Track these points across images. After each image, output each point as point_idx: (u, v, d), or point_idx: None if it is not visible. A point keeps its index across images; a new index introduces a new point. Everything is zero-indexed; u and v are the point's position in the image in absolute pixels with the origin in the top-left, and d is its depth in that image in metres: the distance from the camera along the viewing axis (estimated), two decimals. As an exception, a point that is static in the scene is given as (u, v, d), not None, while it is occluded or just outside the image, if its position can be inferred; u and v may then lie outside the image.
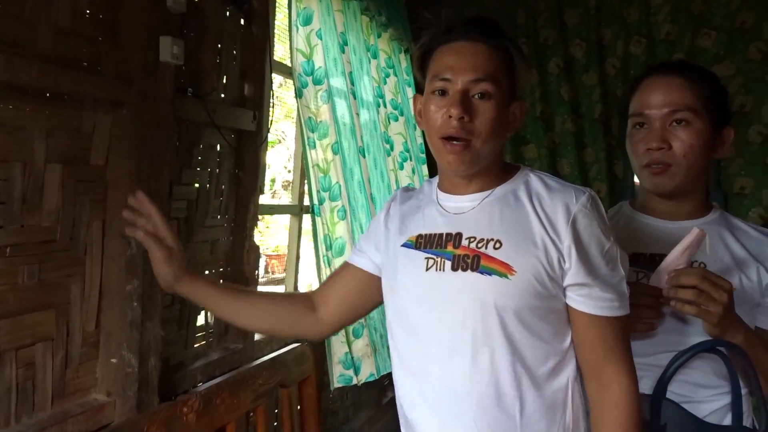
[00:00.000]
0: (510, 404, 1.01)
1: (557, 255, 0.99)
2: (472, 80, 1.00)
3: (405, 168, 2.77)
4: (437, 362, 1.04)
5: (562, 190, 1.03)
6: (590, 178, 3.55)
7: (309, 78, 1.96)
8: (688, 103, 1.13)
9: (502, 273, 0.99)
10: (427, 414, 1.07)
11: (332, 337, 2.00)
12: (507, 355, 1.00)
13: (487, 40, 1.02)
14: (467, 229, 1.04)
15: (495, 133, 1.02)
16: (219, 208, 1.88)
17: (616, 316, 1.01)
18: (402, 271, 1.09)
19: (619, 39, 3.44)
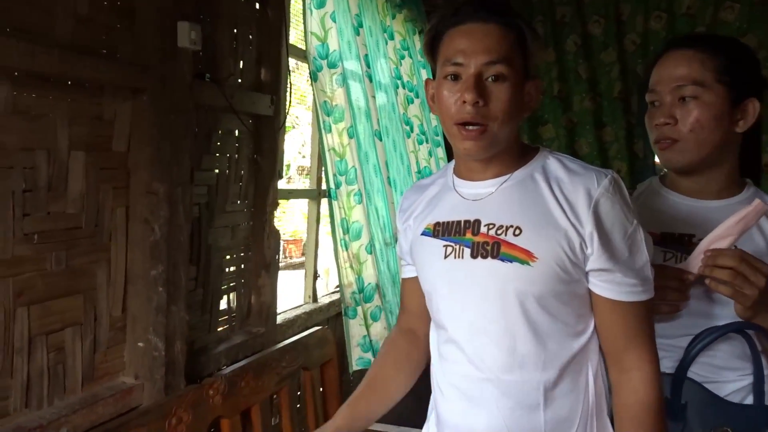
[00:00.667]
0: (533, 390, 1.00)
1: (579, 240, 0.96)
2: (485, 63, 0.96)
3: (421, 150, 2.76)
4: (460, 349, 1.04)
5: (583, 174, 1.00)
6: (610, 157, 3.52)
7: (324, 61, 1.96)
8: (695, 76, 1.10)
9: (523, 260, 0.97)
10: (451, 399, 1.07)
11: (351, 321, 2.01)
12: (530, 340, 0.99)
13: (498, 20, 0.98)
14: (486, 215, 1.02)
15: (511, 115, 0.98)
16: (239, 194, 1.89)
17: (639, 300, 0.99)
18: (422, 260, 1.08)
19: (638, 14, 3.38)
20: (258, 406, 1.73)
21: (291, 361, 1.90)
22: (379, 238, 2.21)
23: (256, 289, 1.97)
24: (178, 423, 1.44)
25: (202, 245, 1.73)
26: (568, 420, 1.02)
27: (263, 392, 1.75)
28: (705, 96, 1.10)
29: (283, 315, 2.21)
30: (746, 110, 1.12)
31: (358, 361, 2.05)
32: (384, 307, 2.14)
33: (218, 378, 1.59)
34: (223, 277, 1.85)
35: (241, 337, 1.89)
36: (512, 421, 1.01)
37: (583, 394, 1.03)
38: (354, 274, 2.03)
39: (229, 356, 1.80)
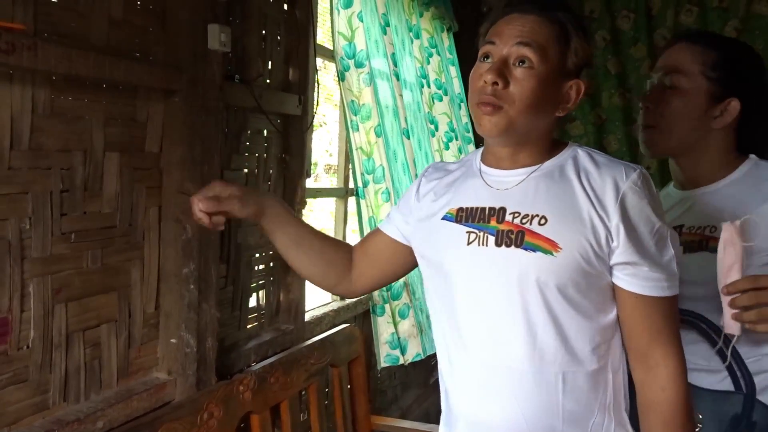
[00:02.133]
0: (551, 381, 0.99)
1: (605, 233, 0.96)
2: (515, 44, 0.97)
3: (450, 148, 2.75)
4: (478, 338, 1.03)
5: (612, 166, 0.99)
6: (639, 154, 3.45)
7: (351, 61, 1.97)
8: (678, 66, 1.16)
9: (546, 250, 0.96)
10: (465, 389, 1.07)
11: (379, 318, 2.03)
12: (549, 331, 0.98)
13: (540, 12, 0.99)
14: (511, 203, 1.02)
15: (533, 105, 0.98)
16: (267, 192, 1.91)
17: (665, 296, 0.98)
18: (443, 245, 1.07)
19: (669, 8, 3.33)
20: (287, 402, 1.76)
21: (319, 357, 1.92)
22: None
23: (285, 287, 2.00)
24: (209, 418, 1.47)
25: (232, 243, 1.76)
26: (584, 413, 1.01)
27: (292, 388, 1.78)
28: (683, 85, 1.15)
29: (312, 312, 2.23)
30: (726, 108, 1.15)
31: (386, 358, 2.06)
32: (413, 305, 2.15)
33: (248, 374, 1.62)
34: (253, 274, 1.87)
35: (271, 334, 1.91)
36: (529, 411, 1.00)
37: (602, 388, 1.02)
38: (382, 272, 2.05)
39: (258, 353, 1.83)
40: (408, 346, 2.12)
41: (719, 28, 3.20)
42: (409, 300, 2.16)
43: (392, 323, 2.08)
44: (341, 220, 2.43)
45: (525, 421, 1.00)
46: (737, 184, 1.13)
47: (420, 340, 2.16)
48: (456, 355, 1.07)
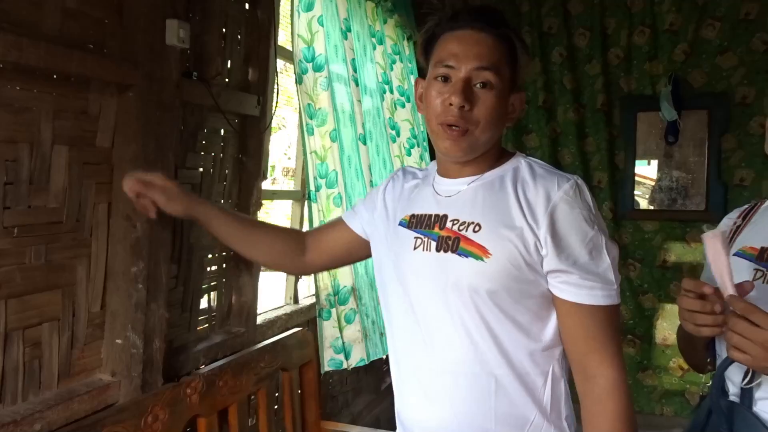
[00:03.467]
0: (483, 384, 1.02)
1: (534, 240, 0.99)
2: (475, 68, 1.01)
3: (413, 154, 2.77)
4: (417, 341, 1.07)
5: (547, 178, 1.03)
6: (591, 168, 3.57)
7: (309, 64, 1.96)
8: None
9: (477, 255, 1.00)
10: (407, 391, 1.11)
11: (325, 322, 2.02)
12: (482, 336, 1.01)
13: (492, 31, 1.03)
14: (453, 211, 1.06)
15: (494, 122, 1.03)
16: (222, 193, 1.89)
17: (600, 305, 0.99)
18: (394, 249, 1.12)
19: (623, 29, 3.44)
20: (235, 406, 1.73)
21: (270, 361, 1.90)
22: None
23: (237, 289, 1.97)
24: (154, 421, 1.43)
25: (184, 243, 1.72)
26: (519, 418, 1.03)
27: (241, 392, 1.75)
28: None
29: (264, 315, 2.20)
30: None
31: (330, 363, 2.06)
32: (359, 310, 2.15)
33: (196, 377, 1.59)
34: (204, 276, 1.84)
35: (221, 337, 1.88)
36: (462, 413, 1.03)
37: (540, 395, 1.04)
38: (330, 276, 2.04)
39: (208, 355, 1.80)
40: (352, 351, 2.12)
41: (669, 50, 3.33)
42: (356, 305, 2.16)
43: (338, 328, 2.08)
44: (297, 224, 2.42)
45: (457, 422, 1.03)
46: None
47: (364, 346, 2.17)
48: (404, 360, 1.11)
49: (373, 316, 2.24)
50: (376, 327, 2.25)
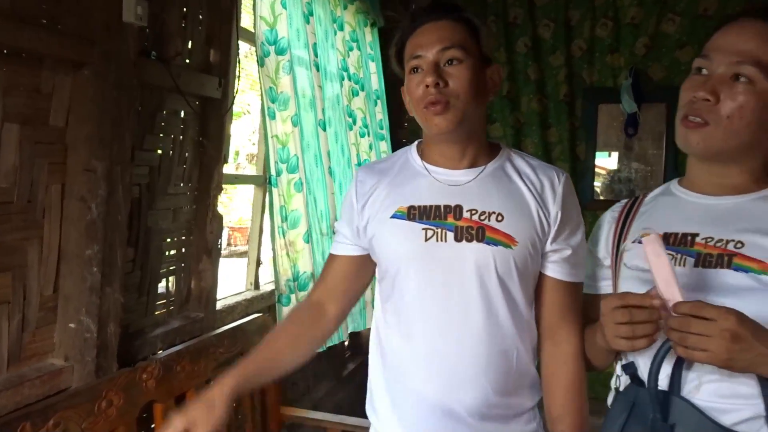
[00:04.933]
0: (510, 359, 1.12)
1: (545, 225, 1.12)
2: (439, 50, 1.08)
3: (363, 144, 2.76)
4: (440, 327, 1.11)
5: (546, 168, 1.16)
6: (553, 158, 3.62)
7: (272, 47, 1.93)
8: (759, 56, 0.91)
9: (506, 244, 1.09)
10: (427, 373, 1.12)
11: (284, 308, 2.01)
12: (506, 316, 1.11)
13: (448, 16, 1.11)
14: (467, 202, 1.11)
15: (473, 93, 1.08)
16: (182, 176, 1.86)
17: (577, 282, 1.16)
18: (396, 242, 1.13)
19: (586, 20, 3.48)
20: (193, 391, 1.71)
21: (229, 347, 1.89)
22: (316, 228, 2.21)
23: (197, 274, 1.95)
24: (108, 406, 1.41)
25: (142, 227, 1.69)
26: (528, 386, 1.16)
27: (199, 377, 1.74)
28: (760, 83, 0.91)
29: (224, 301, 2.18)
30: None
31: None
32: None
33: (152, 361, 1.57)
34: (163, 260, 1.82)
35: (179, 322, 1.86)
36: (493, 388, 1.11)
37: (533, 361, 1.17)
38: (290, 262, 2.03)
39: (166, 340, 1.77)
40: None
41: (631, 43, 3.39)
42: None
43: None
44: (259, 209, 2.40)
45: (485, 395, 1.10)
46: (752, 203, 0.98)
47: None
48: (420, 341, 1.13)
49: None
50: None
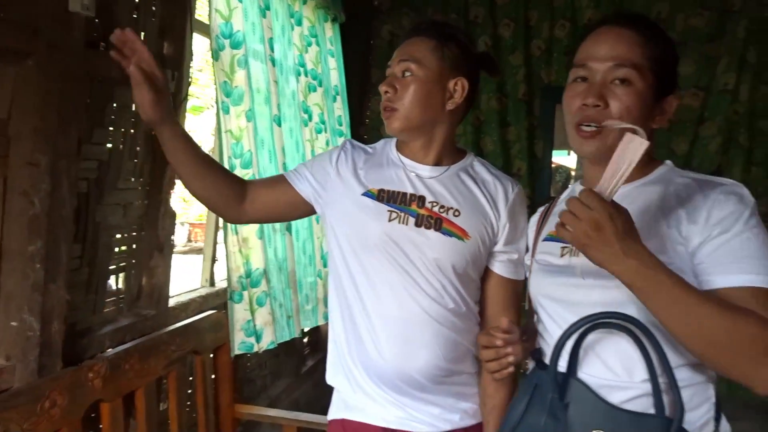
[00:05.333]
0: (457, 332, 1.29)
1: (496, 227, 1.30)
2: (398, 61, 1.29)
3: (319, 139, 2.74)
4: (394, 297, 1.26)
5: (502, 179, 1.35)
6: (512, 156, 3.67)
7: (227, 41, 1.90)
8: (633, 59, 1.00)
9: (460, 236, 1.26)
10: (380, 340, 1.27)
11: (236, 305, 1.99)
12: (451, 295, 1.27)
13: (423, 33, 1.30)
14: (430, 194, 1.29)
15: (417, 101, 1.27)
16: (133, 171, 1.82)
17: (518, 280, 1.33)
18: (363, 219, 1.28)
19: (545, 21, 3.54)
20: (142, 390, 1.68)
21: (182, 344, 1.86)
22: (271, 228, 2.19)
23: (148, 271, 1.91)
24: (52, 406, 1.37)
25: (89, 222, 1.65)
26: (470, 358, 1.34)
27: (149, 376, 1.71)
28: (638, 83, 0.99)
29: (177, 298, 2.15)
30: (665, 107, 1.05)
31: (240, 346, 2.03)
32: (270, 293, 2.13)
33: (99, 360, 1.53)
34: (112, 256, 1.77)
35: (129, 319, 1.82)
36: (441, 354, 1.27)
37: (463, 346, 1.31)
38: (242, 258, 2.01)
39: (115, 338, 1.74)
40: (263, 333, 2.09)
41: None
42: (267, 288, 2.14)
43: (249, 310, 2.05)
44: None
45: (436, 360, 1.27)
46: (651, 185, 1.04)
47: (274, 329, 2.15)
48: (374, 310, 1.28)
49: (281, 299, 2.22)
50: (283, 310, 2.23)
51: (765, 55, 3.22)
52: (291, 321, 2.27)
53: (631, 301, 0.91)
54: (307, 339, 3.42)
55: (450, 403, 1.32)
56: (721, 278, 0.90)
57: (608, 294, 0.96)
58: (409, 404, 1.29)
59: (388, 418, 1.30)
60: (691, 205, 0.97)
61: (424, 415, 1.29)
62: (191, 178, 1.32)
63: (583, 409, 0.95)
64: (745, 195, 0.96)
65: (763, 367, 0.82)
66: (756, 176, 3.28)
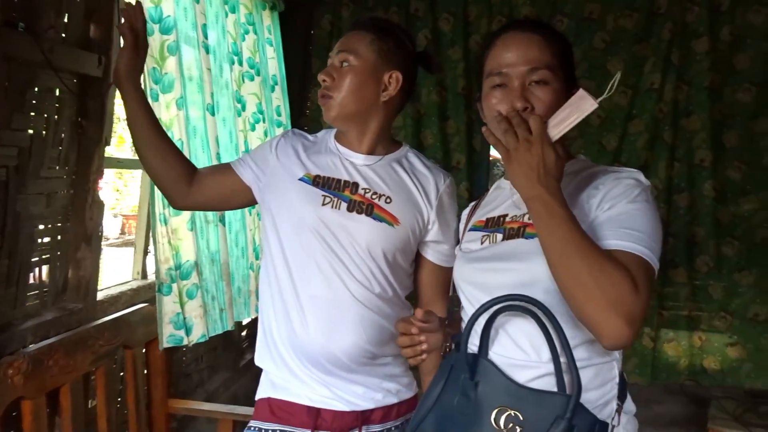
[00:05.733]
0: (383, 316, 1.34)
1: (427, 217, 1.37)
2: (336, 53, 1.35)
3: (257, 130, 2.67)
4: (325, 280, 1.31)
5: (434, 171, 1.41)
6: (451, 149, 3.71)
7: (156, 26, 1.83)
8: (547, 60, 1.06)
9: (390, 222, 1.33)
10: (309, 322, 1.32)
11: (165, 298, 1.93)
12: (379, 280, 1.33)
13: (364, 28, 1.36)
14: (363, 181, 1.35)
15: (350, 91, 1.32)
16: (58, 159, 1.74)
17: (449, 266, 1.32)
18: (298, 203, 1.34)
19: (483, 17, 3.58)
20: (68, 387, 1.62)
21: (110, 338, 1.80)
22: (201, 215, 2.14)
23: (75, 263, 1.84)
24: (-34, 405, 1.30)
25: (9, 212, 1.57)
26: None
27: (75, 372, 1.65)
28: (554, 82, 1.06)
29: (106, 291, 2.08)
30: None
31: (169, 339, 1.97)
32: (201, 285, 2.08)
33: (20, 356, 1.47)
34: (35, 248, 1.69)
35: (55, 314, 1.75)
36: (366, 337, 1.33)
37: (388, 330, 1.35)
38: (171, 250, 1.95)
39: (38, 333, 1.66)
40: (194, 326, 2.05)
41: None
42: (198, 280, 2.09)
43: (179, 303, 1.99)
44: (147, 195, 2.29)
45: (361, 343, 1.32)
46: (565, 175, 1.04)
47: (205, 321, 2.10)
48: (303, 291, 1.32)
49: (214, 291, 2.18)
50: (216, 302, 2.19)
51: (687, 57, 3.38)
52: (224, 314, 2.23)
53: (538, 282, 0.98)
54: (246, 332, 3.37)
55: (375, 383, 1.37)
56: (605, 241, 0.95)
57: (518, 276, 1.02)
58: (333, 384, 1.34)
59: (313, 397, 1.35)
60: (597, 185, 1.05)
61: (348, 394, 1.35)
62: (147, 146, 1.38)
63: (491, 387, 0.99)
64: (641, 179, 1.04)
65: (613, 316, 0.86)
66: (679, 172, 3.44)
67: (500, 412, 0.95)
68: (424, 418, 1.05)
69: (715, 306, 3.43)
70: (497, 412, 0.95)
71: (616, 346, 0.91)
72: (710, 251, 3.41)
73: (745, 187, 3.39)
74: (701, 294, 3.46)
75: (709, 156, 3.38)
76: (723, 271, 3.42)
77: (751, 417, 2.58)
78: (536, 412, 0.93)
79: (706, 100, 3.36)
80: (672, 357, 3.50)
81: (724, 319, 3.44)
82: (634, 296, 0.87)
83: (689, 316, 3.47)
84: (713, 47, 3.34)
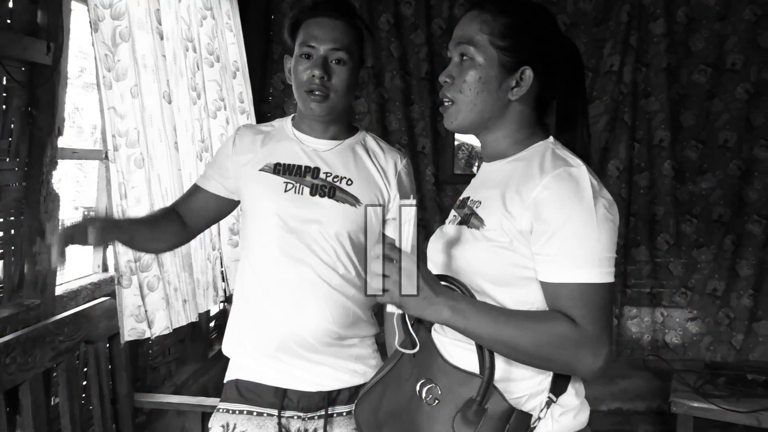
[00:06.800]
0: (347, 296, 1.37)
1: (387, 195, 1.42)
2: (331, 48, 1.33)
3: (218, 117, 2.61)
4: (292, 264, 1.34)
5: (392, 152, 1.47)
6: (416, 134, 3.71)
7: (107, 11, 1.75)
8: (470, 36, 1.06)
9: (352, 203, 1.36)
10: (277, 303, 1.35)
11: (125, 290, 1.88)
12: (344, 261, 1.36)
13: (344, 18, 1.35)
14: (324, 166, 1.39)
15: (348, 91, 1.36)
16: (8, 150, 1.69)
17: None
18: (261, 192, 1.37)
19: (445, 0, 3.57)
20: (27, 385, 1.58)
21: (71, 334, 1.76)
22: (161, 206, 2.09)
23: (30, 258, 1.78)
24: None
25: (-41, 207, 1.52)
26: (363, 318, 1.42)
27: (34, 368, 1.60)
28: (478, 57, 1.04)
29: (66, 286, 2.02)
30: (521, 78, 1.05)
31: (130, 332, 1.92)
32: (162, 276, 2.04)
33: (-26, 355, 1.42)
34: (-12, 244, 1.64)
35: (10, 310, 1.70)
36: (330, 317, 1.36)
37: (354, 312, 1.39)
38: (130, 241, 1.90)
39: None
40: (156, 319, 2.00)
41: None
42: (159, 272, 2.04)
43: (140, 295, 1.95)
44: (104, 185, 2.23)
45: (325, 323, 1.35)
46: (517, 162, 1.06)
47: (168, 314, 2.06)
48: (272, 275, 1.36)
49: (176, 283, 2.13)
50: (179, 294, 2.14)
51: (644, 40, 3.43)
52: (187, 305, 2.19)
53: (461, 273, 1.04)
54: (213, 323, 3.34)
55: (341, 364, 1.39)
56: (540, 277, 0.98)
57: (451, 262, 1.07)
58: (300, 365, 1.36)
59: (279, 378, 1.37)
60: (526, 185, 0.99)
61: (315, 375, 1.37)
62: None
63: (425, 359, 1.04)
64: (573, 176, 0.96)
65: (580, 359, 0.92)
66: (639, 152, 3.51)
67: (425, 383, 1.01)
68: (376, 383, 1.14)
69: (676, 282, 3.54)
70: (423, 382, 1.01)
71: (595, 376, 0.93)
72: (670, 229, 3.50)
73: (702, 165, 3.49)
74: (662, 271, 3.55)
75: (668, 136, 3.46)
76: (682, 248, 3.52)
77: (711, 389, 2.65)
78: (454, 390, 0.97)
79: (664, 81, 3.43)
80: (635, 333, 3.60)
81: (684, 295, 3.55)
82: (586, 339, 0.91)
83: (651, 292, 3.57)
84: (669, 29, 3.41)
